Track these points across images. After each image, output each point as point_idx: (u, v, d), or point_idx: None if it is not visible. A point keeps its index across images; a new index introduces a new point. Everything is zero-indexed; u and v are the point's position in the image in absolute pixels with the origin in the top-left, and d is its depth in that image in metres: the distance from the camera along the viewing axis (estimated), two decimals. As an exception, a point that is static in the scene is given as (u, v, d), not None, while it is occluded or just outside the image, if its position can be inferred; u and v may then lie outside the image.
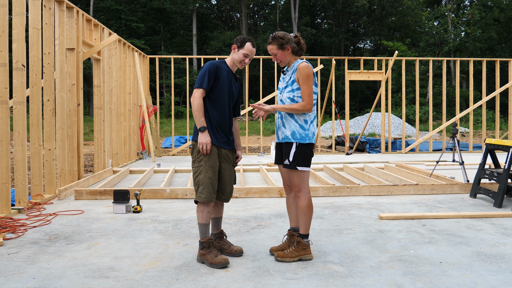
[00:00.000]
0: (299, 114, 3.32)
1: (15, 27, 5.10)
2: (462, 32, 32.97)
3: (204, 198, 3.29)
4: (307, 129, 3.34)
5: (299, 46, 3.38)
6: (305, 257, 3.36)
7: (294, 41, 3.35)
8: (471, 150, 12.64)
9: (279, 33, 3.34)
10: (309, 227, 3.40)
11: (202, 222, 3.35)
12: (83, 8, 32.23)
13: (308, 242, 3.38)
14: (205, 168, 3.32)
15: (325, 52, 40.70)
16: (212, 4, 41.77)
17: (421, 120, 25.99)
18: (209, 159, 3.33)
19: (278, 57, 3.36)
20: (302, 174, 3.35)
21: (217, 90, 3.36)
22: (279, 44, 3.32)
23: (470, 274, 3.09)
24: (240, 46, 3.42)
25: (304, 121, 3.34)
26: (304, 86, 3.26)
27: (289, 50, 3.34)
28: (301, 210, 3.38)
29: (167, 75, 31.98)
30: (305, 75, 3.26)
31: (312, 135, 3.38)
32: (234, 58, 3.45)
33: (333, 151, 12.94)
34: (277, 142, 3.50)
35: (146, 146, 11.48)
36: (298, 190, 3.38)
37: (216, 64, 3.38)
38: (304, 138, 3.32)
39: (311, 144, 3.38)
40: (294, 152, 3.31)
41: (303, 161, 3.32)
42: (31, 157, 5.66)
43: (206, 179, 3.31)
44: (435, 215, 4.72)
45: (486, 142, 5.83)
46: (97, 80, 8.28)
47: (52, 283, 2.96)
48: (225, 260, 3.23)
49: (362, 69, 12.21)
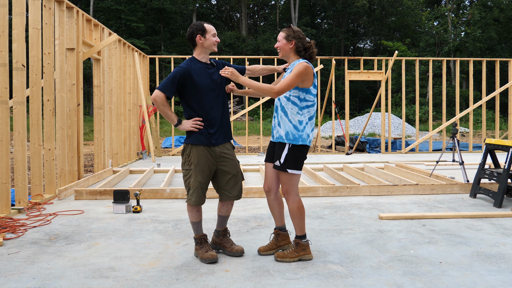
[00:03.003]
0: (294, 114, 3.26)
1: (15, 27, 5.10)
2: (462, 32, 32.98)
3: (194, 202, 3.35)
4: (301, 130, 3.26)
5: (304, 48, 3.37)
6: (305, 257, 3.36)
7: (302, 42, 3.35)
8: (471, 150, 12.64)
9: (295, 28, 3.36)
10: (304, 227, 3.39)
11: (193, 221, 3.46)
12: (83, 8, 32.22)
13: (306, 242, 3.38)
14: (194, 172, 3.32)
15: (325, 52, 40.68)
16: (212, 4, 41.77)
17: (421, 120, 25.99)
18: (199, 163, 3.30)
19: (280, 45, 3.37)
20: (292, 177, 3.31)
21: (193, 90, 3.31)
22: (287, 34, 3.34)
23: (470, 274, 3.09)
24: (203, 33, 3.35)
25: (298, 121, 3.26)
26: (289, 76, 3.19)
27: (293, 44, 3.33)
28: (291, 213, 3.36)
29: (167, 75, 31.95)
30: (297, 70, 3.19)
31: (307, 137, 3.29)
32: (207, 45, 3.37)
33: (333, 151, 12.94)
34: (271, 140, 3.47)
35: (146, 146, 11.48)
36: (287, 193, 3.34)
37: (183, 68, 3.30)
38: (297, 139, 3.26)
39: (305, 146, 3.30)
40: (286, 154, 3.26)
41: (294, 164, 3.27)
42: (31, 157, 5.66)
43: (196, 183, 3.32)
44: (435, 215, 4.72)
45: (486, 142, 5.83)
46: (97, 80, 8.28)
47: (52, 283, 2.96)
48: (213, 256, 3.32)
49: (362, 69, 12.21)
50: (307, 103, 3.30)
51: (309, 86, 3.28)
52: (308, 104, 3.30)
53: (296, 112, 3.27)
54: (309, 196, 5.92)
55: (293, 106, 3.27)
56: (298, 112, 3.27)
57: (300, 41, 3.34)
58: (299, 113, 3.27)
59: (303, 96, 3.28)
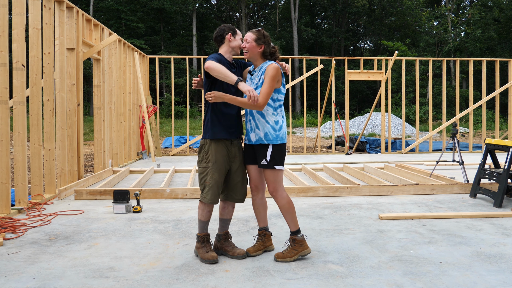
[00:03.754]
0: (270, 114, 3.36)
1: (15, 27, 5.10)
2: (462, 32, 32.99)
3: (209, 200, 3.35)
4: (277, 130, 3.37)
5: (270, 53, 3.43)
6: (303, 252, 3.38)
7: (271, 48, 3.42)
8: (471, 150, 12.64)
9: (265, 32, 3.42)
10: (297, 222, 3.44)
11: (202, 219, 3.45)
12: (83, 8, 32.23)
13: (302, 236, 3.42)
14: (212, 170, 3.34)
15: (325, 52, 40.70)
16: (212, 4, 41.77)
17: (421, 120, 26.00)
18: (217, 161, 3.35)
19: (249, 47, 3.38)
20: (278, 173, 3.40)
21: (219, 81, 3.36)
22: (257, 38, 3.37)
23: (470, 274, 3.09)
24: (233, 33, 3.46)
25: (275, 121, 3.36)
26: (265, 85, 3.27)
27: (262, 49, 3.38)
28: (283, 210, 3.42)
29: (167, 75, 31.99)
30: (271, 76, 3.27)
31: (284, 134, 3.42)
32: (234, 46, 3.47)
33: (333, 151, 12.95)
34: (247, 144, 3.50)
35: (146, 146, 11.48)
36: (274, 190, 3.41)
37: (219, 58, 3.40)
38: (276, 139, 3.36)
39: (284, 143, 3.44)
40: (271, 151, 3.36)
41: (280, 160, 3.39)
42: (31, 157, 5.66)
43: (212, 181, 3.34)
44: (435, 215, 4.72)
45: (486, 142, 5.83)
46: (97, 80, 8.28)
47: (52, 283, 2.96)
48: (213, 257, 3.32)
49: (362, 69, 12.21)
50: (279, 102, 3.43)
51: (280, 86, 3.38)
52: (280, 103, 3.44)
53: (272, 112, 3.37)
54: (309, 196, 5.92)
55: (268, 108, 3.37)
56: (273, 112, 3.38)
57: (268, 46, 3.41)
58: (274, 113, 3.38)
59: (276, 97, 3.39)
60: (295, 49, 35.36)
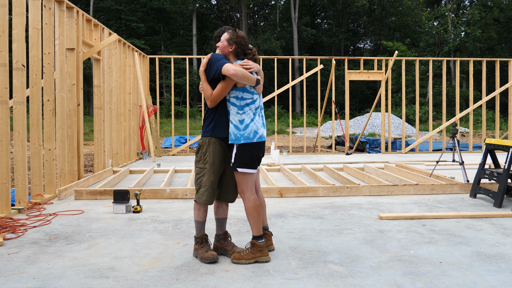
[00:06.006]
0: (234, 114, 3.34)
1: (15, 27, 5.10)
2: (462, 32, 32.98)
3: (204, 201, 3.37)
4: (242, 129, 3.31)
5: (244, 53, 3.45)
6: (261, 259, 3.32)
7: (242, 48, 3.42)
8: (471, 150, 12.64)
9: (240, 33, 3.43)
10: (261, 227, 3.39)
11: (198, 220, 3.47)
12: (83, 8, 32.23)
13: (263, 243, 3.35)
14: (209, 171, 3.35)
15: (325, 52, 40.69)
16: (212, 4, 41.77)
17: (421, 120, 25.99)
18: (214, 162, 3.35)
19: (221, 46, 3.44)
20: (244, 176, 3.34)
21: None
22: (230, 38, 3.41)
23: (470, 274, 3.09)
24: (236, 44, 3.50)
25: (239, 121, 3.32)
26: (220, 85, 3.29)
27: (232, 49, 3.41)
28: (247, 212, 3.38)
29: (167, 75, 31.98)
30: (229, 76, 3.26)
31: (254, 134, 3.32)
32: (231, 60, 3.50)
33: (333, 151, 12.95)
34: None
35: (146, 146, 11.48)
36: (242, 192, 3.38)
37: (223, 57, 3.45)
38: (239, 139, 3.31)
39: (253, 144, 3.33)
40: (235, 153, 3.33)
41: (244, 163, 3.31)
42: (31, 157, 5.66)
43: (209, 182, 3.35)
44: (435, 215, 4.72)
45: (486, 142, 5.83)
46: (97, 80, 8.28)
47: (52, 283, 2.96)
48: (213, 256, 3.33)
49: (362, 69, 12.21)
50: (246, 101, 3.35)
51: (245, 85, 3.33)
52: (247, 102, 3.35)
53: (236, 112, 3.34)
54: (309, 196, 5.92)
55: (232, 107, 3.35)
56: (237, 112, 3.33)
57: (240, 47, 3.42)
58: (238, 112, 3.33)
59: (241, 95, 3.34)
60: (295, 49, 35.36)
